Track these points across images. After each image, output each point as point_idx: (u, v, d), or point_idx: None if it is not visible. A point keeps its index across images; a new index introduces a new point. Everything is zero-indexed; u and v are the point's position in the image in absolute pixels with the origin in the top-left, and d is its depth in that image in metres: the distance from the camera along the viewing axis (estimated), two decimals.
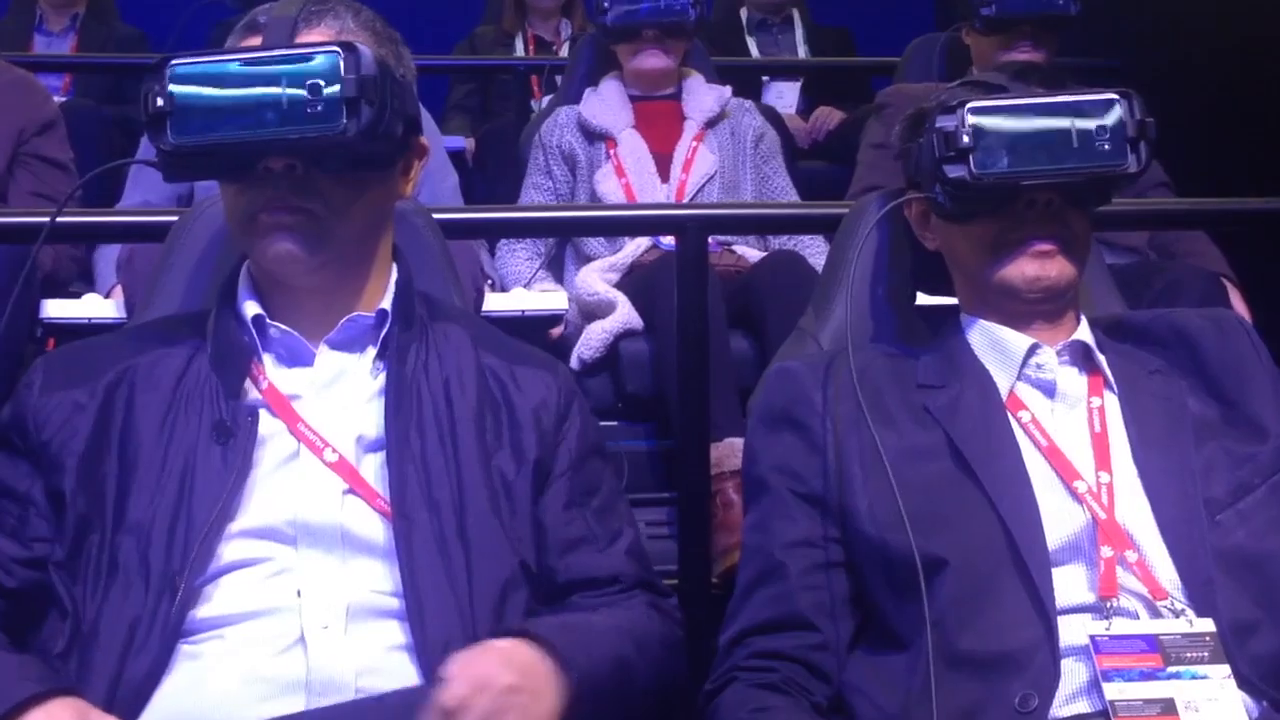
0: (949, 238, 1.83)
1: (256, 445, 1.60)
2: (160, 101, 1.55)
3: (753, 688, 1.69)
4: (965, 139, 1.71)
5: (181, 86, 1.55)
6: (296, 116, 1.53)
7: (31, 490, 1.61)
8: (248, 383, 1.63)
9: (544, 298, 3.30)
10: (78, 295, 3.18)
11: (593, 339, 3.25)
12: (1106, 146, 1.72)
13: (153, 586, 1.52)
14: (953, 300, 1.88)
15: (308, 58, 1.54)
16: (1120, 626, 1.61)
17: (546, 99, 4.46)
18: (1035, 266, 1.75)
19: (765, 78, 5.14)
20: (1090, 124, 1.72)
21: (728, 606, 1.79)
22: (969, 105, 1.73)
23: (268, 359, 1.66)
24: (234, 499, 1.57)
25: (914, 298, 1.98)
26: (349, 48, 1.55)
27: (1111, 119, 1.73)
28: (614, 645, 1.59)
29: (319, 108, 1.53)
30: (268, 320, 1.66)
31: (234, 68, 1.56)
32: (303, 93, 1.53)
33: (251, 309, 1.66)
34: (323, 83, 1.53)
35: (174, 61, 1.56)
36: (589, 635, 1.57)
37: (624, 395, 3.24)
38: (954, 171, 1.72)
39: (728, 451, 2.89)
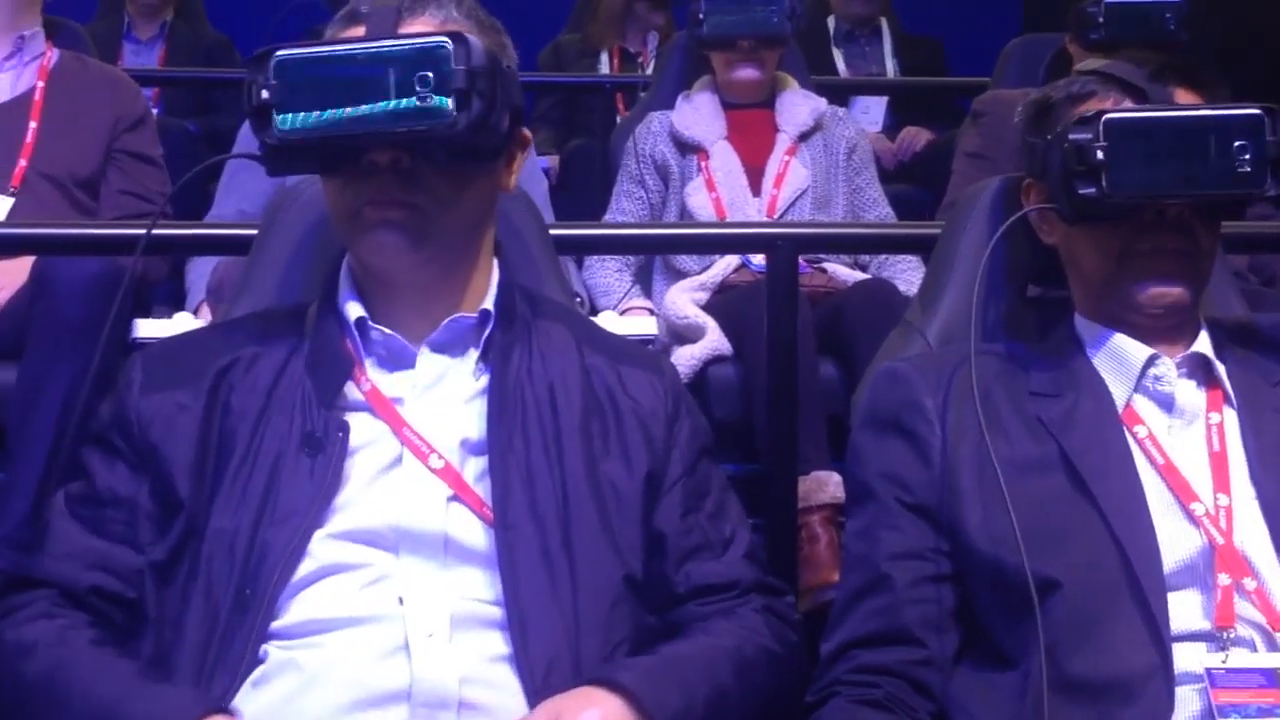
0: (1070, 239, 1.76)
1: (349, 454, 1.56)
2: (265, 94, 1.50)
3: (855, 703, 1.64)
4: (1099, 154, 1.63)
5: (286, 77, 1.51)
6: (406, 109, 1.49)
7: (138, 495, 1.58)
8: (349, 386, 1.60)
9: (632, 322, 3.25)
10: (168, 314, 3.20)
11: (681, 365, 3.19)
12: (1247, 168, 1.64)
13: (228, 598, 1.50)
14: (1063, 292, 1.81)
15: (417, 48, 1.50)
16: (1237, 659, 1.56)
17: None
18: (1159, 284, 1.68)
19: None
20: (1231, 142, 1.64)
21: (830, 612, 1.74)
22: (1105, 118, 1.64)
23: (369, 362, 1.62)
24: (323, 511, 1.54)
25: (1025, 290, 1.90)
26: (459, 38, 1.50)
27: (1254, 137, 1.64)
28: (709, 677, 1.54)
29: (429, 100, 1.48)
30: (370, 323, 1.62)
31: (340, 57, 1.51)
32: (412, 84, 1.49)
33: (354, 311, 1.63)
34: (432, 74, 1.49)
35: (279, 52, 1.51)
36: (681, 673, 1.53)
37: (712, 421, 3.13)
38: (1084, 188, 1.65)
39: (815, 485, 2.86)
